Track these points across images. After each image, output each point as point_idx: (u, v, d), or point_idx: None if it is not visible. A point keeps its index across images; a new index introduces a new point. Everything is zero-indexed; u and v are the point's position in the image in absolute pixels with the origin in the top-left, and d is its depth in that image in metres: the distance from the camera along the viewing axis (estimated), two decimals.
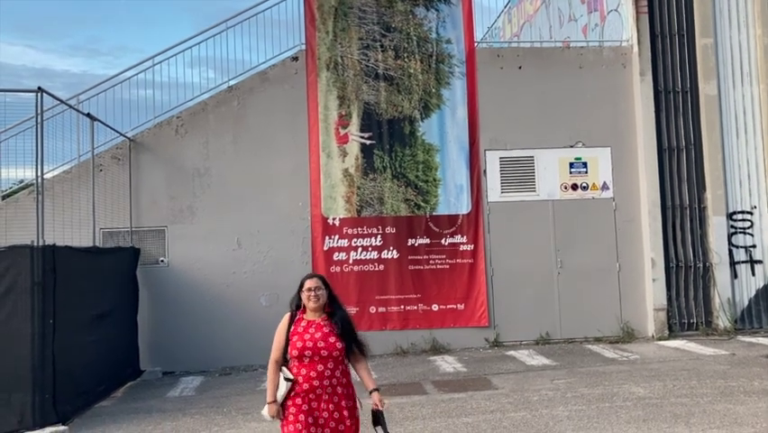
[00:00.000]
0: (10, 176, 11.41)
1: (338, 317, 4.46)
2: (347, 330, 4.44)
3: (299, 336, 4.35)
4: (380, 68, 12.11)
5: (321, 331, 4.37)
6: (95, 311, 9.13)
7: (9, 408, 7.37)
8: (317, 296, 4.44)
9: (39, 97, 8.04)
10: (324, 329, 4.39)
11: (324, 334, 4.36)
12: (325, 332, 4.37)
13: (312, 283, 4.48)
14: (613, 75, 12.56)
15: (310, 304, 4.44)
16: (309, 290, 4.44)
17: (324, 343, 4.33)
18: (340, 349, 4.36)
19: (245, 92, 11.93)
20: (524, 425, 7.04)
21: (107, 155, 11.53)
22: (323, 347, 4.32)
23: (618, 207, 12.37)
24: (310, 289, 4.45)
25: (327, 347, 4.33)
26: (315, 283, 4.48)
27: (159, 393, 9.68)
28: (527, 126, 12.27)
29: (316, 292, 4.44)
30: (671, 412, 7.24)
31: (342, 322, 4.44)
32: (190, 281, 11.42)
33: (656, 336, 11.97)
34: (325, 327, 4.40)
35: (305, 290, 4.46)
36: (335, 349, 4.34)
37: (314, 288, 4.45)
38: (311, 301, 4.43)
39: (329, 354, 4.33)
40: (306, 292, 4.45)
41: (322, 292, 4.47)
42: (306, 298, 4.46)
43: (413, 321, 11.84)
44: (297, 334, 4.37)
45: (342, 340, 4.38)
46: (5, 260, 7.55)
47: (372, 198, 11.98)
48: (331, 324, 4.42)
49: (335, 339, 4.36)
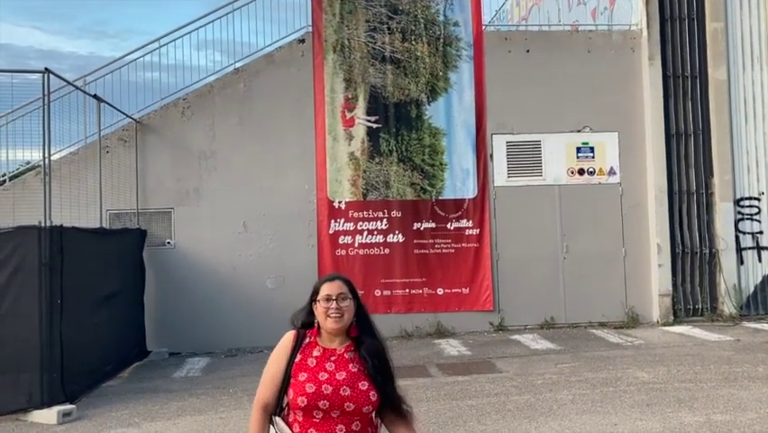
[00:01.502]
0: (17, 157, 11.45)
1: (368, 348, 2.86)
2: (383, 371, 2.85)
3: (311, 373, 2.77)
4: (387, 50, 12.05)
5: (346, 370, 2.79)
6: (102, 292, 9.18)
7: (18, 387, 7.44)
8: (341, 310, 2.83)
9: (45, 78, 8.04)
10: (351, 367, 2.80)
11: (350, 375, 2.78)
12: (352, 372, 2.78)
13: (333, 289, 2.85)
14: (621, 59, 12.47)
15: (329, 324, 2.83)
16: (329, 300, 2.83)
17: (351, 390, 2.74)
18: (374, 403, 2.78)
19: (251, 74, 11.90)
20: (528, 408, 7.07)
21: (114, 137, 11.55)
22: (348, 397, 2.73)
23: (625, 193, 12.33)
24: (330, 297, 2.84)
25: (355, 398, 2.74)
26: (339, 289, 2.86)
27: (165, 374, 9.76)
28: (534, 111, 12.21)
29: (340, 304, 2.83)
30: (674, 397, 7.26)
31: (374, 357, 2.84)
32: (197, 263, 11.47)
33: (661, 321, 11.97)
34: (352, 364, 2.81)
35: (321, 300, 2.85)
36: (368, 403, 2.76)
37: (336, 296, 2.84)
38: (331, 319, 2.82)
39: (357, 410, 2.74)
40: (324, 304, 2.84)
41: (348, 305, 2.85)
42: (322, 312, 2.84)
43: (418, 305, 11.87)
44: (308, 370, 2.79)
45: (378, 387, 2.80)
46: (13, 240, 7.60)
47: (378, 182, 11.97)
48: (359, 358, 2.83)
49: (368, 386, 2.77)
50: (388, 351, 2.97)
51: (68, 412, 7.40)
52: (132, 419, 7.39)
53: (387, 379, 2.88)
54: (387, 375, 2.88)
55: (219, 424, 7.04)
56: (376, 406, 2.81)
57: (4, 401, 7.40)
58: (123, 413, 7.59)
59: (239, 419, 7.13)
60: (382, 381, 2.84)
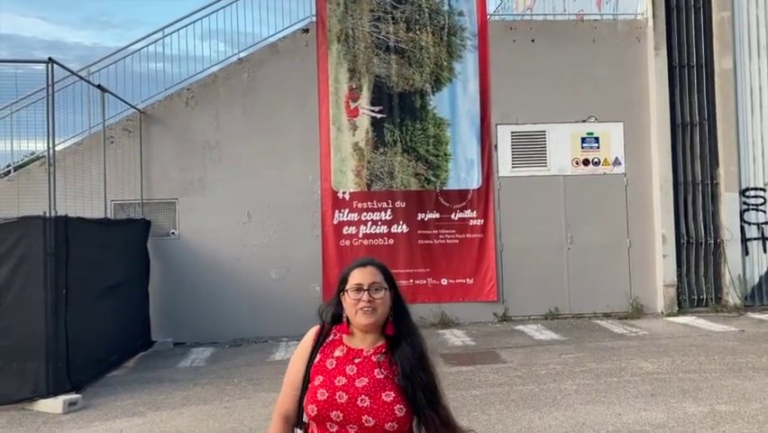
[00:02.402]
0: (21, 148, 11.46)
1: (404, 350, 2.38)
2: (420, 381, 2.34)
3: (327, 377, 2.36)
4: (392, 40, 12.00)
5: (369, 376, 2.33)
6: (107, 282, 9.21)
7: (23, 376, 7.48)
8: (373, 303, 2.39)
9: (49, 68, 8.03)
10: (376, 372, 2.34)
11: (373, 382, 2.32)
12: (377, 378, 2.32)
13: (365, 276, 2.43)
14: (627, 49, 12.40)
15: (358, 319, 2.40)
16: (359, 290, 2.41)
17: (372, 401, 2.28)
18: (401, 420, 2.28)
19: (255, 64, 11.87)
20: (532, 398, 7.08)
21: (118, 127, 11.55)
22: (367, 409, 2.27)
23: (630, 183, 12.29)
24: (361, 287, 2.41)
25: (376, 412, 2.27)
26: (372, 277, 2.43)
27: (170, 364, 9.79)
28: (539, 101, 12.16)
29: (372, 296, 2.40)
30: (679, 387, 7.26)
31: (409, 361, 2.35)
32: (201, 254, 11.48)
33: (665, 312, 11.96)
34: (378, 370, 2.34)
35: (350, 290, 2.42)
36: (392, 418, 2.27)
37: (368, 285, 2.41)
38: (361, 313, 2.39)
39: (378, 427, 2.27)
40: (353, 295, 2.41)
41: (383, 296, 2.42)
42: (351, 305, 2.42)
43: (422, 295, 11.87)
44: (325, 373, 2.38)
45: (410, 402, 2.30)
46: (18, 230, 7.62)
47: (382, 173, 11.96)
48: (390, 363, 2.37)
49: (395, 397, 2.30)
50: (429, 355, 2.44)
51: (73, 402, 7.44)
52: (138, 408, 7.42)
53: (425, 391, 2.32)
54: (425, 386, 2.33)
55: (224, 413, 7.07)
56: (405, 424, 2.27)
57: (10, 391, 7.44)
58: (128, 403, 7.63)
59: (243, 409, 7.17)
60: (415, 392, 2.30)
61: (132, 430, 6.66)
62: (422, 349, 2.43)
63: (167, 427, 6.72)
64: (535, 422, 6.32)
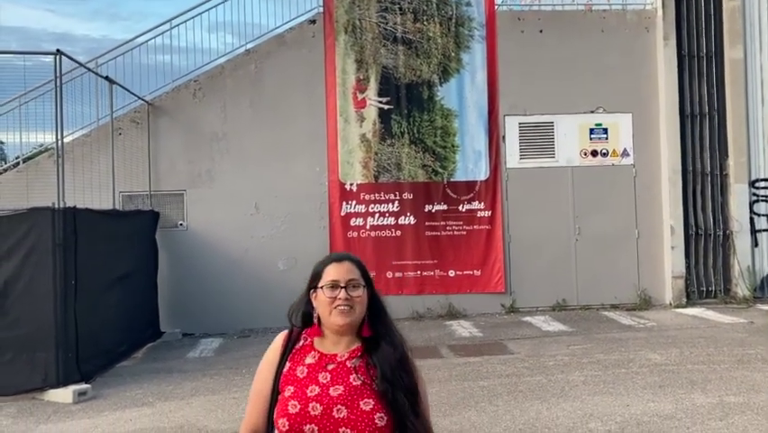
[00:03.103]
0: (30, 140, 11.51)
1: (382, 353, 2.21)
2: (402, 386, 2.17)
3: (298, 387, 2.18)
4: (399, 31, 11.96)
5: (345, 383, 2.16)
6: (115, 273, 9.25)
7: (34, 366, 7.54)
8: (351, 301, 2.22)
9: (58, 60, 8.05)
10: (352, 379, 2.17)
11: (349, 390, 2.15)
12: (353, 385, 2.16)
13: (342, 272, 2.25)
14: (636, 39, 12.31)
15: (334, 319, 2.22)
16: (335, 287, 2.22)
17: (349, 411, 2.11)
18: (382, 430, 2.11)
19: (262, 56, 11.86)
20: (539, 389, 7.08)
21: (126, 119, 11.57)
22: (344, 421, 2.10)
23: (638, 174, 12.23)
24: (336, 284, 2.23)
25: (354, 423, 2.10)
26: (349, 273, 2.25)
27: (179, 354, 9.84)
28: (547, 91, 12.10)
29: (350, 294, 2.22)
30: (687, 379, 7.24)
31: (389, 364, 2.19)
32: (209, 245, 11.51)
33: (674, 303, 11.92)
34: (355, 376, 2.18)
35: (324, 288, 2.24)
36: (371, 429, 2.10)
37: (345, 282, 2.23)
38: (337, 313, 2.22)
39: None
40: (329, 293, 2.22)
41: (360, 294, 2.24)
42: (325, 304, 2.23)
43: (429, 286, 11.87)
44: (296, 382, 2.19)
45: (390, 408, 2.13)
46: (28, 221, 7.66)
47: (390, 164, 11.94)
48: (367, 367, 2.20)
49: (374, 405, 2.13)
50: (411, 357, 2.25)
51: (83, 392, 7.49)
52: (147, 398, 7.47)
53: (407, 393, 2.15)
54: (407, 389, 2.16)
55: (232, 404, 7.10)
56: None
57: (21, 380, 7.50)
58: (137, 393, 7.67)
59: None
60: (396, 395, 2.12)
61: (142, 420, 6.70)
62: (403, 349, 2.25)
63: (176, 417, 6.76)
64: (543, 413, 6.32)
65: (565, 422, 6.05)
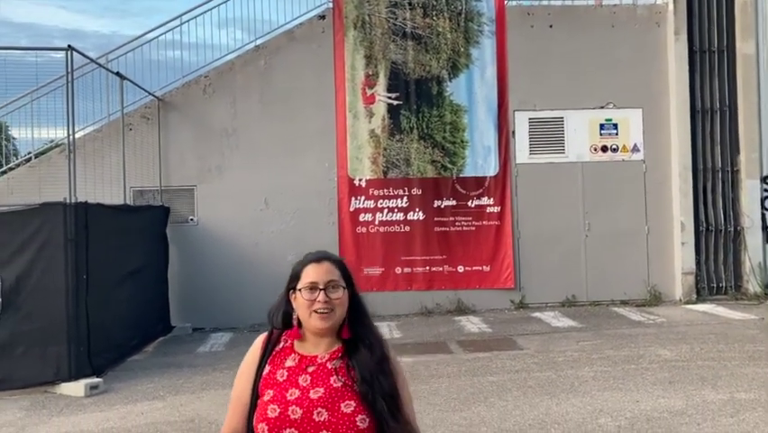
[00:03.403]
0: (42, 135, 11.59)
1: (362, 353, 2.17)
2: (381, 387, 2.13)
3: (278, 391, 2.13)
4: (408, 26, 11.94)
5: (325, 385, 2.12)
6: (126, 268, 9.30)
7: (46, 360, 7.60)
8: (330, 304, 2.17)
9: (69, 56, 8.09)
10: (333, 381, 2.13)
11: (330, 392, 2.11)
12: (334, 387, 2.11)
13: (321, 274, 2.19)
14: (646, 34, 12.25)
15: (313, 322, 2.17)
16: (314, 289, 2.17)
17: (330, 414, 2.07)
18: (362, 432, 2.08)
19: (272, 51, 11.87)
20: (549, 384, 7.08)
21: (137, 114, 11.62)
22: (324, 424, 2.06)
23: (649, 170, 12.18)
24: (316, 286, 2.17)
25: (335, 426, 2.07)
26: (329, 274, 2.19)
27: (189, 349, 9.90)
28: (557, 87, 12.06)
29: (330, 295, 2.17)
30: (697, 375, 7.22)
31: (369, 366, 2.15)
32: (219, 240, 11.56)
33: (684, 299, 11.88)
34: (335, 377, 2.13)
35: (303, 290, 2.18)
36: (354, 431, 2.07)
37: (324, 284, 2.17)
38: (317, 316, 2.16)
39: None
40: (307, 295, 2.17)
41: (340, 296, 2.19)
42: (304, 307, 2.18)
43: (438, 282, 11.87)
44: (275, 386, 2.14)
45: (371, 409, 2.10)
46: (39, 216, 7.72)
47: (399, 160, 11.94)
48: (348, 369, 2.16)
49: (356, 407, 2.09)
50: (393, 357, 2.20)
51: (94, 385, 7.55)
52: (158, 392, 7.52)
53: (386, 397, 2.10)
54: (386, 392, 2.11)
55: None
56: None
57: (34, 373, 7.57)
58: (148, 387, 7.73)
59: None
60: (375, 399, 2.07)
61: (153, 414, 6.75)
62: (382, 351, 2.19)
63: (186, 410, 6.80)
64: (553, 409, 6.32)
65: (575, 418, 6.05)
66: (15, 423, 6.63)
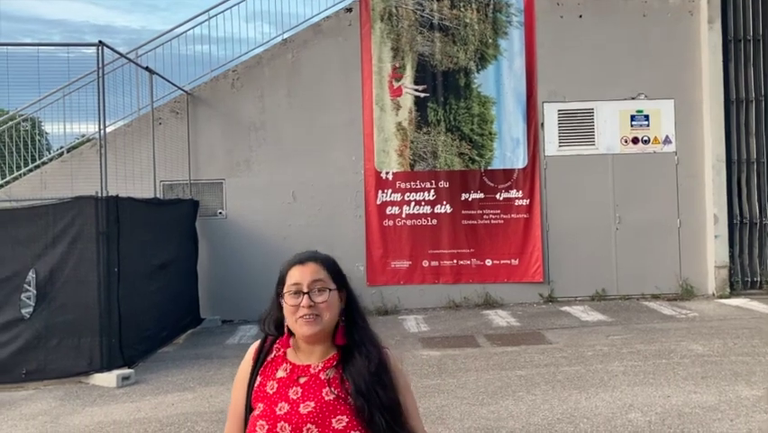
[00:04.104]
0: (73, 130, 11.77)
1: (358, 362, 2.00)
2: (379, 400, 1.95)
3: (267, 405, 2.00)
4: (435, 18, 11.87)
5: (316, 398, 1.97)
6: (156, 261, 9.42)
7: (79, 351, 7.75)
8: (316, 308, 2.01)
9: (100, 51, 8.19)
10: (325, 393, 1.97)
11: (321, 406, 1.95)
12: (325, 401, 1.96)
13: (304, 275, 2.04)
14: (679, 23, 12.01)
15: (299, 328, 2.01)
16: (298, 293, 2.02)
17: (319, 429, 1.93)
18: None
19: (299, 45, 11.90)
20: (578, 379, 7.01)
21: (166, 108, 11.74)
22: None
23: (681, 162, 11.96)
24: (299, 289, 2.02)
25: None
26: (313, 275, 2.05)
27: (218, 340, 10.00)
28: (587, 78, 11.90)
29: (314, 299, 2.01)
30: (731, 370, 7.09)
31: (365, 376, 1.97)
32: (248, 233, 11.64)
33: (717, 294, 11.66)
34: (328, 389, 1.98)
35: (287, 294, 2.04)
36: None
37: (308, 286, 2.02)
38: (302, 322, 2.00)
39: None
40: (291, 300, 2.02)
41: (327, 299, 2.02)
42: (291, 312, 2.03)
43: (466, 275, 11.82)
44: (265, 399, 2.01)
45: (367, 425, 1.94)
46: (72, 210, 7.84)
47: (426, 152, 11.89)
48: (342, 379, 1.99)
49: (348, 422, 1.94)
50: (394, 364, 2.02)
51: (126, 376, 7.67)
52: (188, 383, 7.61)
53: (384, 412, 1.92)
54: (384, 406, 1.93)
55: None
56: None
57: (68, 364, 7.72)
58: (178, 378, 7.82)
59: None
60: (373, 414, 1.91)
61: (183, 405, 6.83)
62: (380, 359, 1.98)
63: (216, 401, 6.87)
64: (582, 403, 6.26)
65: (604, 412, 5.99)
66: (50, 412, 6.76)
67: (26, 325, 7.75)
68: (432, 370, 7.64)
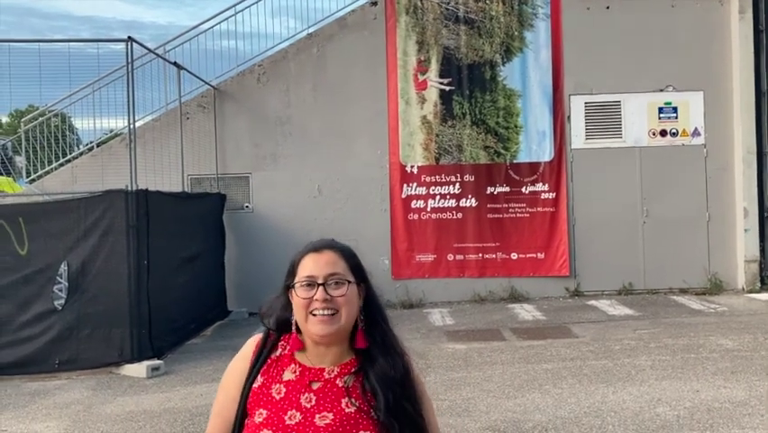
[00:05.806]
0: (103, 125, 11.96)
1: (381, 371, 1.76)
2: (407, 416, 1.74)
3: (273, 412, 1.75)
4: (461, 11, 11.82)
5: (335, 409, 1.73)
6: (184, 254, 9.55)
7: (110, 342, 7.90)
8: (333, 302, 1.76)
9: (129, 47, 8.31)
10: (345, 404, 1.74)
11: (341, 418, 1.71)
12: (346, 413, 1.72)
13: (320, 266, 1.82)
14: (708, 13, 11.81)
15: (312, 326, 1.77)
16: (311, 285, 1.78)
17: None
18: None
19: (324, 39, 11.93)
20: (605, 373, 6.98)
21: (193, 103, 11.86)
22: None
23: (710, 155, 11.79)
24: (314, 280, 1.79)
25: None
26: (329, 266, 1.81)
27: (245, 332, 10.01)
28: (614, 69, 11.77)
29: (331, 292, 1.77)
30: (761, 365, 7.00)
31: (391, 387, 1.74)
32: (274, 227, 11.73)
33: (747, 288, 11.49)
34: (348, 399, 1.74)
35: (299, 285, 1.80)
36: None
37: (324, 278, 1.79)
38: (315, 320, 1.76)
39: None
40: (304, 292, 1.79)
41: (345, 293, 1.78)
42: (302, 307, 1.78)
43: (491, 269, 11.79)
44: (270, 405, 1.76)
45: None
46: (103, 203, 7.99)
47: (451, 146, 11.87)
48: (364, 389, 1.75)
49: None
50: (415, 372, 1.79)
51: (156, 367, 7.80)
52: (216, 374, 7.70)
53: (414, 428, 1.70)
54: (415, 421, 1.71)
55: None
56: None
57: (99, 355, 7.88)
58: (207, 369, 7.93)
59: None
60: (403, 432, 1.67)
61: (212, 396, 6.88)
62: (404, 369, 1.75)
63: None
64: (609, 397, 6.23)
65: (632, 406, 5.96)
66: (83, 401, 6.91)
67: (59, 316, 7.91)
68: (458, 363, 7.65)
